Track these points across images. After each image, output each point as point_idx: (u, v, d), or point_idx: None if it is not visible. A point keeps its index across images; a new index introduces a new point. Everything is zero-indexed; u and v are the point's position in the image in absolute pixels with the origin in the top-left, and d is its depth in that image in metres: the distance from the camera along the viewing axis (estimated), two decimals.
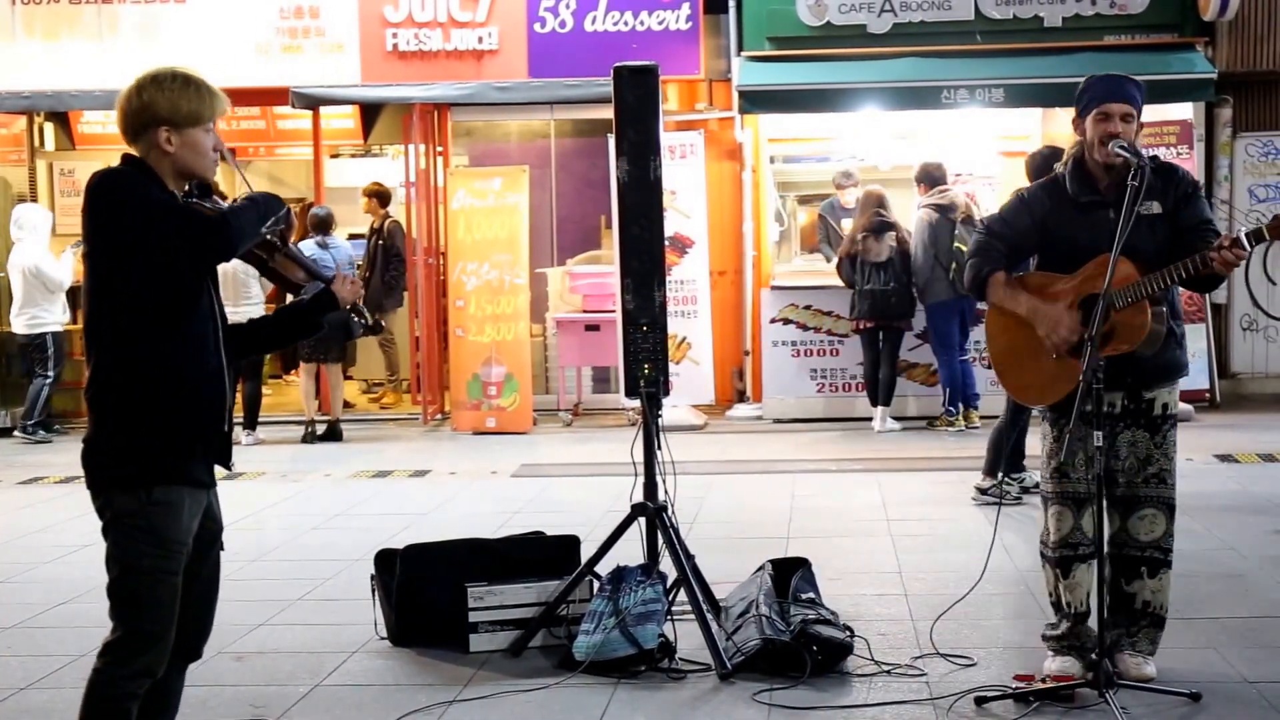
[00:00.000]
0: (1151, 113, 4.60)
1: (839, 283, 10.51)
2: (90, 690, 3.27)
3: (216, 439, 3.37)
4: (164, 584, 3.26)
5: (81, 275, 3.44)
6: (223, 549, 3.53)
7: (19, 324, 10.97)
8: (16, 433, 10.98)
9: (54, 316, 10.93)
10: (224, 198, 3.58)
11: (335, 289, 3.61)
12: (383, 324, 3.95)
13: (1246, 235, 4.09)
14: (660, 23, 11.45)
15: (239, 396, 10.45)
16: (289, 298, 4.01)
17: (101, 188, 3.26)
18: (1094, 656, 4.24)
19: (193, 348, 3.30)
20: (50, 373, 10.92)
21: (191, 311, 3.31)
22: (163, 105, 3.30)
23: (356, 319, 3.76)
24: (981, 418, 10.11)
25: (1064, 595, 4.48)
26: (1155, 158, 4.38)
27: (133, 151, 3.36)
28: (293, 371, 12.43)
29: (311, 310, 3.63)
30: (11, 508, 8.28)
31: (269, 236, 3.51)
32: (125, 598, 3.26)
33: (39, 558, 6.79)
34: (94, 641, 3.31)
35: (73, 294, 10.91)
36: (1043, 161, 7.16)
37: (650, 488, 5.16)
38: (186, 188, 3.40)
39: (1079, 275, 4.35)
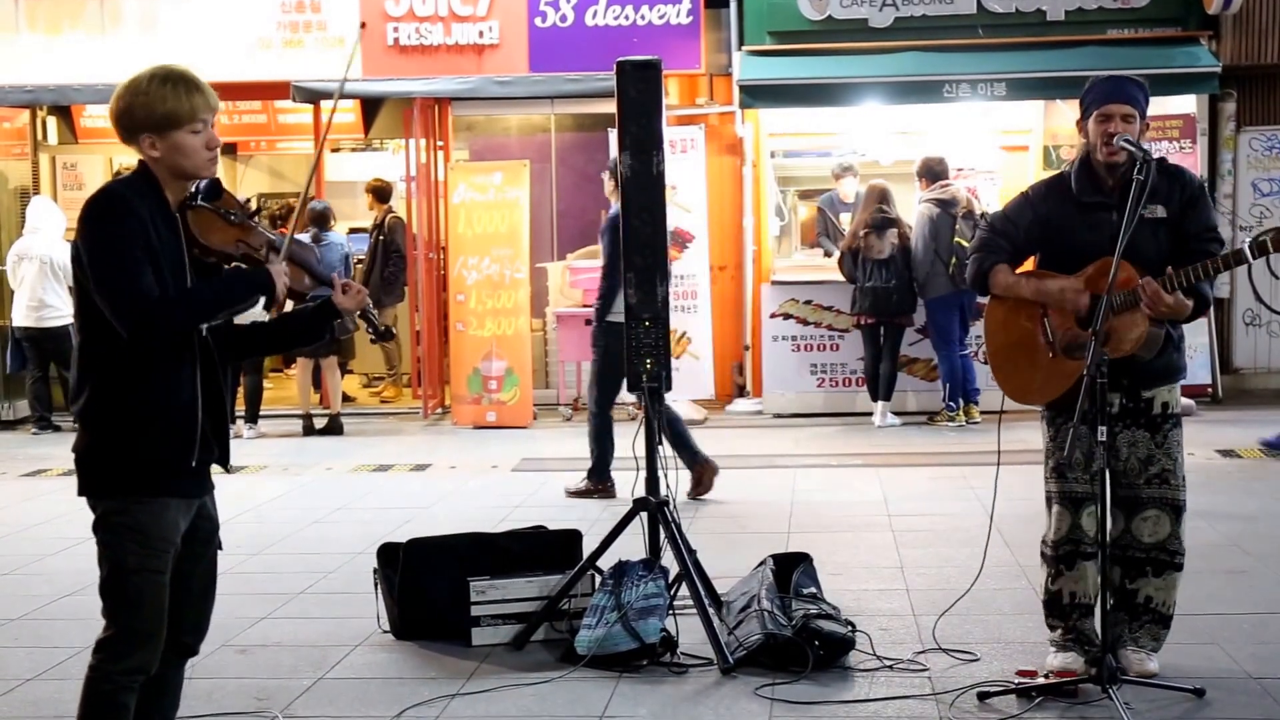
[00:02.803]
0: (1155, 107, 4.57)
1: (839, 278, 10.50)
2: (86, 686, 3.29)
3: (187, 467, 3.30)
4: (150, 583, 3.25)
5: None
6: (220, 548, 3.51)
7: (33, 318, 10.88)
8: (33, 429, 10.95)
9: (70, 309, 10.85)
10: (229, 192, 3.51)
11: (336, 299, 3.53)
12: (393, 331, 3.88)
13: (1250, 247, 4.08)
14: (661, 17, 11.43)
15: (240, 391, 10.45)
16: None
17: (86, 214, 3.21)
18: (1097, 652, 4.25)
19: (163, 379, 3.25)
20: (40, 370, 10.87)
21: (165, 346, 3.25)
22: (139, 111, 3.23)
23: (367, 327, 3.70)
24: (982, 413, 10.12)
25: (1068, 587, 4.48)
26: (1162, 159, 4.36)
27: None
28: (292, 366, 12.43)
29: (313, 320, 3.57)
30: (15, 500, 8.28)
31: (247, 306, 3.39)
32: (114, 596, 3.26)
33: (43, 550, 6.80)
34: (98, 634, 3.33)
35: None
36: None
37: (652, 482, 5.16)
38: (193, 189, 3.36)
39: (1080, 276, 4.35)
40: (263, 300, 3.41)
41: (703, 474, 7.64)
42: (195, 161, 3.29)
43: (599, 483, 7.77)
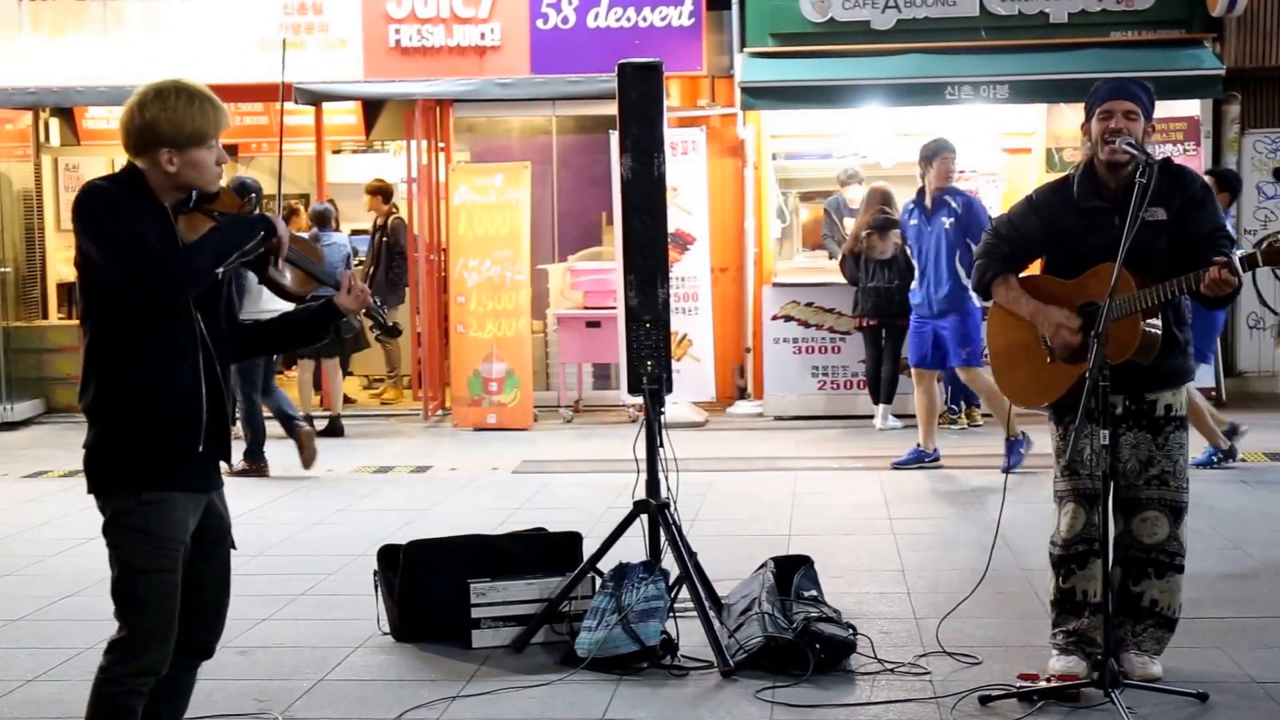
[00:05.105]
0: (1158, 109, 4.55)
1: (841, 280, 10.49)
2: (96, 688, 3.29)
3: (192, 456, 3.32)
4: (160, 582, 3.26)
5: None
6: (234, 547, 3.52)
7: None
8: None
9: None
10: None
11: (338, 300, 3.56)
12: (400, 328, 3.90)
13: (1241, 260, 4.07)
14: (663, 19, 11.43)
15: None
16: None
17: (78, 206, 3.24)
18: (1099, 656, 4.23)
19: (165, 368, 3.27)
20: None
21: (165, 333, 3.27)
22: (165, 126, 3.25)
23: (372, 325, 3.73)
24: (983, 415, 10.10)
25: (1080, 585, 4.45)
26: (1167, 160, 4.34)
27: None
28: (293, 367, 12.42)
29: (315, 320, 3.60)
30: (17, 501, 8.28)
31: (247, 259, 3.41)
32: (125, 597, 3.27)
33: (45, 550, 6.79)
34: (100, 634, 3.33)
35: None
36: None
37: (653, 484, 5.14)
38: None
39: (1078, 282, 4.35)
40: (263, 238, 3.41)
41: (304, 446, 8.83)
42: (207, 177, 3.34)
43: (254, 462, 8.90)
